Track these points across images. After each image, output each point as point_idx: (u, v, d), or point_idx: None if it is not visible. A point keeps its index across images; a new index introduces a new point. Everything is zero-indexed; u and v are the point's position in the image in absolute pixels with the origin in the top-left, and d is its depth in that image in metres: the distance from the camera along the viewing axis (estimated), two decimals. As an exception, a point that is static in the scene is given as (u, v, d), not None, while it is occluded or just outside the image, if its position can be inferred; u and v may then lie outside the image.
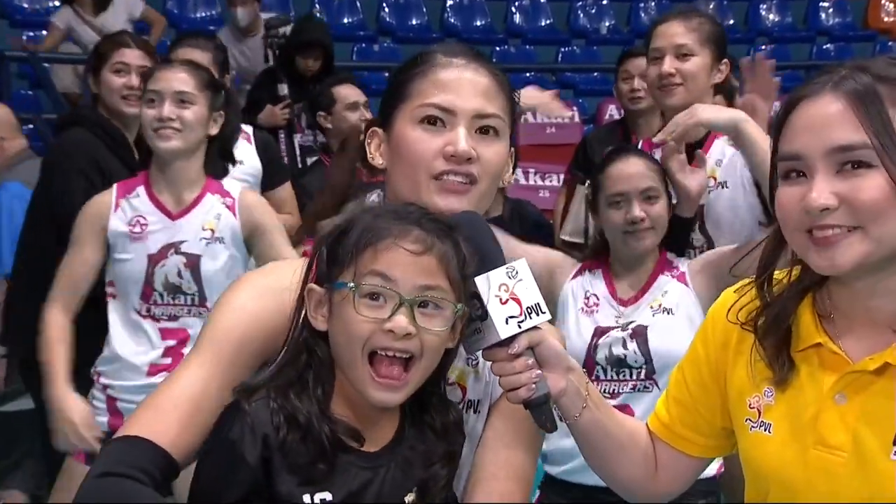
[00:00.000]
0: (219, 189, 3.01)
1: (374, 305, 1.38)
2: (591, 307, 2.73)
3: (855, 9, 11.63)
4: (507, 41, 10.43)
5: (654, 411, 1.65)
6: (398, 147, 1.56)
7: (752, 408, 1.48)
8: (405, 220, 1.41)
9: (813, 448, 1.41)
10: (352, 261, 1.39)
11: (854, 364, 1.40)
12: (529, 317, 1.41)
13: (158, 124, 2.88)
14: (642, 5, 11.15)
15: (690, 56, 2.94)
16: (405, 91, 1.57)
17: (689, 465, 1.62)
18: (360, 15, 10.26)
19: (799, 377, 1.44)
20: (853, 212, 1.34)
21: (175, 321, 2.94)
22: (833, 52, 10.79)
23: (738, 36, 11.23)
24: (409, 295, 1.38)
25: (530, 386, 1.41)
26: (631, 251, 2.72)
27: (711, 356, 1.55)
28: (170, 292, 2.92)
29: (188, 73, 2.95)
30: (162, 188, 2.97)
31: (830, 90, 1.36)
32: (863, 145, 1.33)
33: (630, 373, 2.65)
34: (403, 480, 1.43)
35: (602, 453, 1.59)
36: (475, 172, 1.52)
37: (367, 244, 1.39)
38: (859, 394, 1.39)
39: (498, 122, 1.56)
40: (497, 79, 1.58)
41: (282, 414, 1.37)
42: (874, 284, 1.39)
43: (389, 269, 1.38)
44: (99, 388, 2.99)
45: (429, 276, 1.39)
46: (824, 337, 1.43)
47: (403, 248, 1.38)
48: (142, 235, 2.93)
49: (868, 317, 1.41)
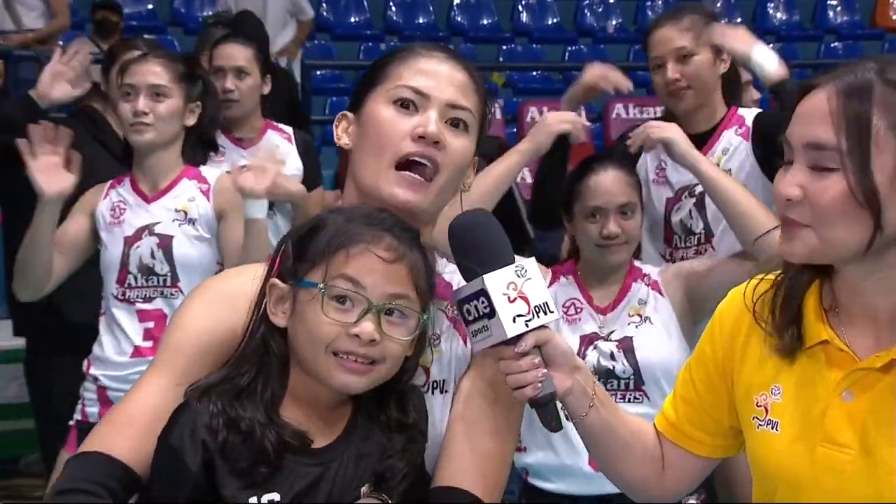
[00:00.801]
0: (196, 175, 3.05)
1: (341, 309, 1.39)
2: (572, 316, 2.74)
3: (863, 7, 11.60)
4: (514, 40, 10.42)
5: (661, 410, 1.64)
6: (367, 126, 1.55)
7: (760, 406, 1.48)
8: (378, 225, 1.41)
9: (820, 445, 1.41)
10: (322, 261, 1.39)
11: (861, 361, 1.40)
12: (537, 315, 1.41)
13: (134, 118, 2.93)
14: (649, 3, 11.13)
15: (691, 57, 2.94)
16: (381, 75, 1.57)
17: (697, 464, 1.61)
18: (366, 14, 10.26)
19: (805, 374, 1.44)
20: (810, 209, 1.35)
21: (149, 302, 2.96)
22: (841, 50, 10.77)
23: (746, 34, 11.21)
24: (377, 301, 1.38)
25: (536, 385, 1.41)
26: (604, 264, 2.74)
27: (718, 354, 1.55)
28: (143, 273, 2.96)
29: (162, 65, 2.98)
30: (140, 176, 3.03)
31: (831, 83, 1.37)
32: (831, 147, 1.34)
33: (618, 383, 2.67)
34: (357, 473, 1.42)
35: (609, 452, 1.59)
36: (439, 160, 1.52)
37: (339, 246, 1.39)
38: (866, 391, 1.39)
39: (469, 117, 1.56)
40: (473, 78, 1.59)
41: (221, 418, 1.37)
42: (872, 281, 1.39)
43: (360, 275, 1.38)
44: (90, 380, 3.02)
45: (398, 284, 1.40)
46: (830, 333, 1.42)
47: (376, 255, 1.39)
48: (120, 220, 2.99)
49: (868, 313, 1.41)
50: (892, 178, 1.33)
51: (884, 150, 1.33)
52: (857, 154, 1.32)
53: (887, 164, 1.33)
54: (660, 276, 2.76)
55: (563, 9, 10.85)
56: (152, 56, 3.03)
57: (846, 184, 1.32)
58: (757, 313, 1.49)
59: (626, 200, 2.70)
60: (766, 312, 1.47)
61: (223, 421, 1.37)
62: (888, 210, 1.33)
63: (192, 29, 8.56)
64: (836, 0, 11.59)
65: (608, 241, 2.68)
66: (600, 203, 2.69)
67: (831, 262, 1.41)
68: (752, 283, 1.52)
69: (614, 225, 2.67)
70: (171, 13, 9.71)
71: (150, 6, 9.63)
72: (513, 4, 10.79)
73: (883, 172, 1.32)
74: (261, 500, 1.36)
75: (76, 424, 3.02)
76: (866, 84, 1.34)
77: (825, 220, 1.35)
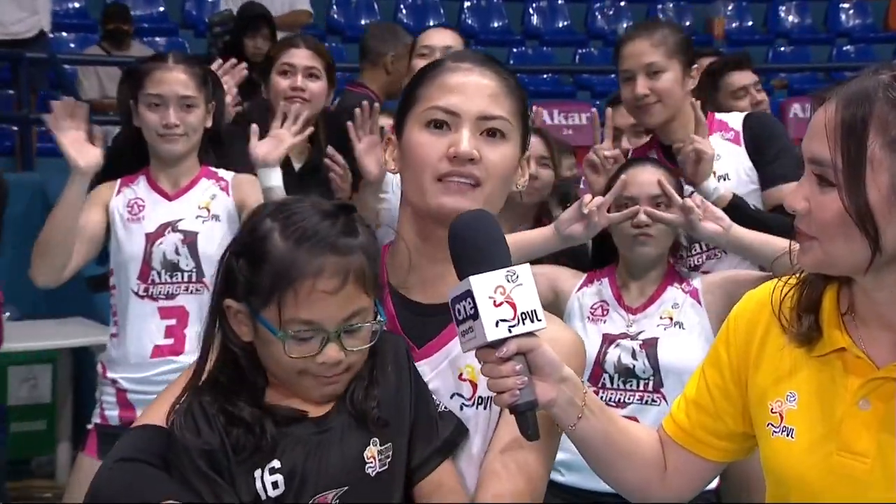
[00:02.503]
0: (213, 175, 3.07)
1: (302, 344, 1.41)
2: (598, 316, 2.74)
3: (875, 10, 11.57)
4: (525, 43, 10.43)
5: (669, 414, 1.63)
6: (407, 151, 1.57)
7: (774, 412, 1.47)
8: (317, 244, 1.40)
9: (836, 454, 1.40)
10: (272, 300, 1.40)
11: (878, 370, 1.39)
12: (523, 322, 1.39)
13: (165, 130, 2.94)
14: (660, 6, 11.12)
15: (661, 73, 2.95)
16: (414, 97, 1.59)
17: (705, 468, 1.61)
18: (377, 17, 10.27)
19: (821, 381, 1.43)
20: (815, 223, 1.36)
21: (172, 300, 2.95)
22: (853, 53, 10.74)
23: (758, 38, 11.20)
24: (334, 328, 1.41)
25: (514, 392, 1.40)
26: (637, 257, 2.73)
27: (733, 359, 1.54)
28: (167, 270, 2.95)
29: (187, 73, 2.98)
30: (161, 177, 3.04)
31: (835, 97, 1.35)
32: (827, 163, 1.33)
33: (637, 383, 2.66)
34: (360, 434, 1.44)
35: (605, 461, 1.58)
36: (478, 174, 1.52)
37: (285, 286, 1.39)
38: (883, 400, 1.38)
39: (504, 125, 1.55)
40: (505, 82, 1.58)
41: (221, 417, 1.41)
42: (885, 293, 1.38)
43: (313, 313, 1.40)
44: (107, 383, 3.01)
45: (350, 303, 1.42)
46: (847, 340, 1.42)
47: (324, 292, 1.39)
48: (139, 216, 2.98)
49: (883, 321, 1.41)
50: (888, 198, 1.31)
51: (879, 169, 1.31)
52: (850, 172, 1.31)
53: (883, 183, 1.31)
54: (700, 283, 2.75)
55: (573, 11, 10.85)
56: (175, 63, 3.01)
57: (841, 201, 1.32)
58: (780, 314, 1.48)
59: (659, 192, 2.70)
60: (789, 312, 1.47)
61: (224, 420, 1.40)
62: (887, 230, 1.31)
63: (203, 31, 8.58)
64: (848, 3, 11.56)
65: (639, 230, 2.68)
66: (632, 193, 2.70)
67: (839, 274, 1.40)
68: (777, 284, 1.51)
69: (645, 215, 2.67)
70: (182, 15, 9.75)
71: (162, 9, 9.67)
72: (523, 7, 10.79)
73: (878, 191, 1.31)
74: (264, 472, 1.39)
75: (95, 428, 3.01)
76: (866, 100, 1.32)
77: (827, 235, 1.35)
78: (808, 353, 1.45)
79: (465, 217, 1.45)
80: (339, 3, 10.13)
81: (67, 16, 9.25)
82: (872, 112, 1.31)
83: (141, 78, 3.00)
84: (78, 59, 7.93)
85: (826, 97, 1.37)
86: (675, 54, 2.96)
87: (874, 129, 1.31)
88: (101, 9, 8.43)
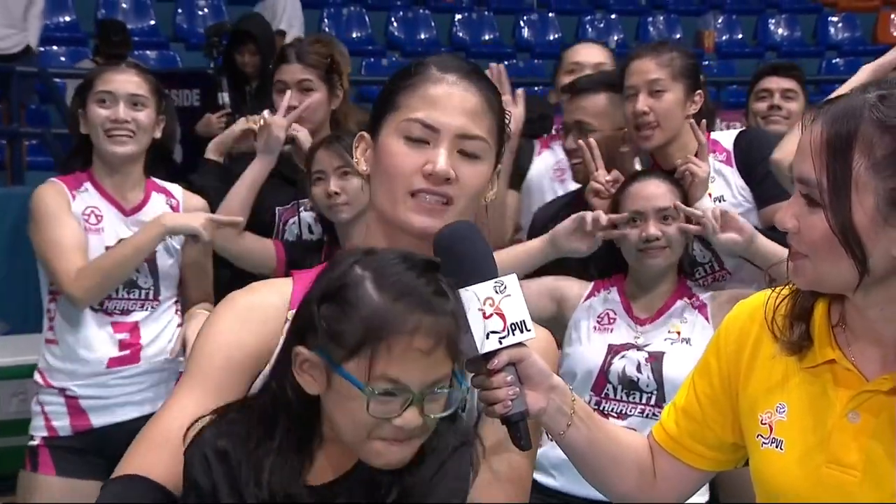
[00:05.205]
0: (161, 189, 3.03)
1: (385, 403, 1.31)
2: (604, 325, 2.73)
3: (864, 23, 11.64)
4: (516, 55, 10.45)
5: (659, 421, 1.63)
6: (381, 157, 1.55)
7: (764, 424, 1.47)
8: (414, 301, 1.30)
9: (826, 466, 1.40)
10: (362, 354, 1.30)
11: (868, 383, 1.39)
12: (513, 333, 1.40)
13: (112, 125, 2.87)
14: (650, 20, 11.17)
15: (663, 92, 2.94)
16: (394, 101, 1.56)
17: (693, 477, 1.61)
18: (368, 29, 10.29)
19: (811, 393, 1.43)
20: (804, 242, 1.36)
21: (126, 315, 2.91)
22: (842, 66, 10.78)
23: (748, 51, 11.25)
24: (419, 391, 1.31)
25: (506, 403, 1.40)
26: (646, 269, 2.73)
27: (724, 368, 1.54)
28: (125, 287, 2.90)
29: (139, 76, 2.96)
30: (107, 184, 2.95)
31: (821, 117, 1.35)
32: (813, 183, 1.34)
33: (640, 396, 2.64)
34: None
35: (593, 467, 1.58)
36: (451, 194, 1.51)
37: (378, 339, 1.29)
38: (872, 413, 1.38)
39: (481, 146, 1.54)
40: (487, 98, 1.56)
41: (252, 475, 1.33)
42: (876, 310, 1.38)
43: (403, 373, 1.30)
44: (53, 393, 2.91)
45: (438, 368, 1.32)
46: (837, 353, 1.42)
47: (419, 350, 1.30)
48: (98, 228, 2.92)
49: (874, 335, 1.41)
50: (873, 219, 1.31)
51: (864, 190, 1.31)
52: (835, 193, 1.31)
53: (868, 204, 1.31)
54: (709, 300, 2.75)
55: (564, 24, 10.89)
56: (128, 67, 3.01)
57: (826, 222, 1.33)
58: (772, 323, 1.48)
59: (666, 205, 2.70)
60: (781, 321, 1.47)
61: (254, 481, 1.32)
62: (874, 251, 1.31)
63: (195, 44, 8.59)
64: (837, 17, 11.63)
65: (647, 245, 2.68)
66: (639, 207, 2.70)
67: (830, 292, 1.41)
68: (771, 294, 1.51)
69: (654, 228, 2.67)
70: (174, 29, 9.75)
71: (153, 22, 9.67)
72: (514, 20, 10.83)
73: (864, 213, 1.31)
74: None
75: (44, 442, 2.90)
76: (852, 120, 1.32)
77: (816, 254, 1.35)
78: (798, 363, 1.45)
79: (448, 230, 1.44)
80: (330, 16, 10.14)
81: (59, 29, 9.24)
82: (858, 133, 1.31)
83: (91, 80, 2.95)
84: (69, 73, 7.91)
85: (814, 116, 1.37)
86: (680, 77, 2.95)
87: (859, 150, 1.31)
88: (92, 22, 8.43)
